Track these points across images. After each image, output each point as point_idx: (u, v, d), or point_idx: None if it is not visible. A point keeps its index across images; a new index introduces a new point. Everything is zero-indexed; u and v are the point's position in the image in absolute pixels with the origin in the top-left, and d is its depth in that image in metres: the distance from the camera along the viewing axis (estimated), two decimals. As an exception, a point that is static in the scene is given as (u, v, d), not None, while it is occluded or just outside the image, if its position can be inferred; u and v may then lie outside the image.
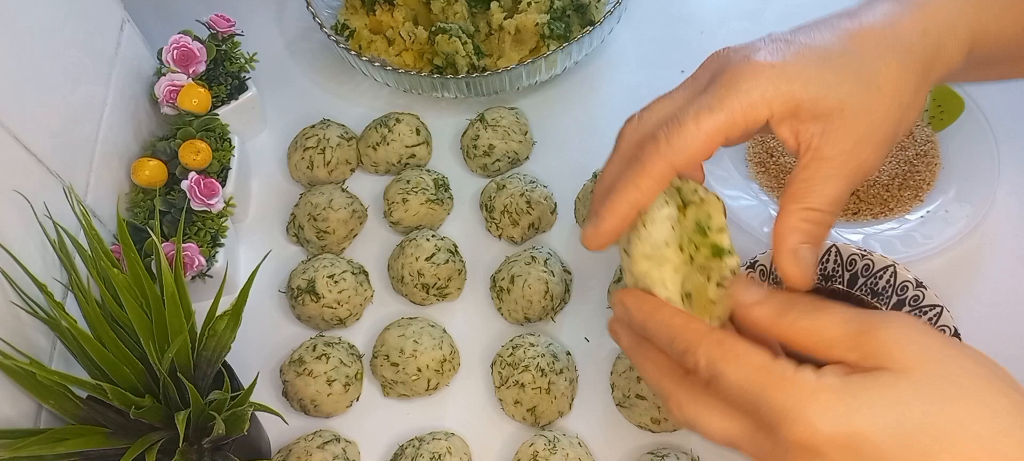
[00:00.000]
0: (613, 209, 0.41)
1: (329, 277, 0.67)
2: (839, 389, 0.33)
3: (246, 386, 0.53)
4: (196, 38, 0.74)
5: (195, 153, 0.69)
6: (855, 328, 0.35)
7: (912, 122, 0.43)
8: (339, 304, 0.67)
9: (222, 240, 0.68)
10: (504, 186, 0.71)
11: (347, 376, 0.64)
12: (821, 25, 0.43)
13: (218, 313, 0.54)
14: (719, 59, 0.43)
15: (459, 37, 0.76)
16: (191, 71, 0.73)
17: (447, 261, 0.68)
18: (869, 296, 0.62)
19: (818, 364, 0.35)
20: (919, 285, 0.60)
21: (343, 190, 0.74)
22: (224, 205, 0.69)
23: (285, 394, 0.65)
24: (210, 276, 0.67)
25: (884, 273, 0.61)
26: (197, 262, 0.65)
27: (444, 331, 0.66)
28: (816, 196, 0.40)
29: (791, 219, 0.40)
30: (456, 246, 0.70)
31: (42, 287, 0.53)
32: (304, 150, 0.75)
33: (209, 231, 0.67)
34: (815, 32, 0.42)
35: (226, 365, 0.58)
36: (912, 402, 0.32)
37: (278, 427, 0.62)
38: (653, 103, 0.45)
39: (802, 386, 0.33)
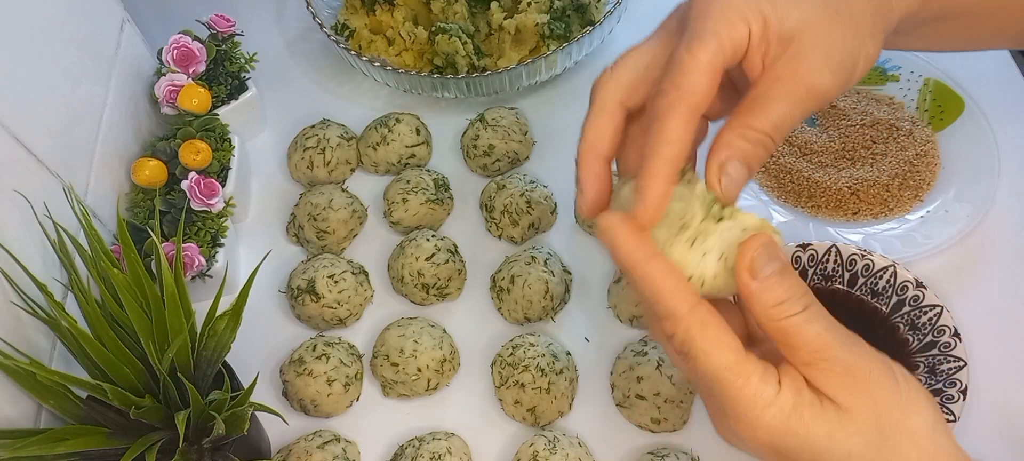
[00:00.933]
0: (656, 173, 0.38)
1: (329, 277, 0.67)
2: (788, 412, 0.37)
3: (246, 386, 0.53)
4: (196, 38, 0.74)
5: (195, 153, 0.69)
6: (828, 355, 0.37)
7: (871, 57, 0.42)
8: (339, 304, 0.67)
9: (222, 240, 0.68)
10: (504, 186, 0.71)
11: (347, 376, 0.64)
12: None
13: (218, 313, 0.54)
14: (682, 3, 0.42)
15: (459, 37, 0.76)
16: (191, 71, 0.73)
17: (447, 261, 0.68)
18: (869, 296, 0.62)
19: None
20: (919, 285, 0.60)
21: (343, 190, 0.74)
22: (224, 205, 0.69)
23: (285, 394, 0.65)
24: (210, 276, 0.67)
25: (884, 273, 0.61)
26: (197, 262, 0.65)
27: (444, 331, 0.66)
28: (760, 116, 0.39)
29: (729, 134, 0.38)
30: (456, 246, 0.70)
31: (42, 287, 0.53)
32: (304, 150, 0.75)
33: (209, 231, 0.68)
34: None
35: (226, 365, 0.58)
36: (842, 439, 0.37)
37: (278, 427, 0.62)
38: (624, 56, 0.43)
39: (757, 399, 0.37)
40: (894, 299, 0.61)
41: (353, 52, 0.77)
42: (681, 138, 0.38)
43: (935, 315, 0.59)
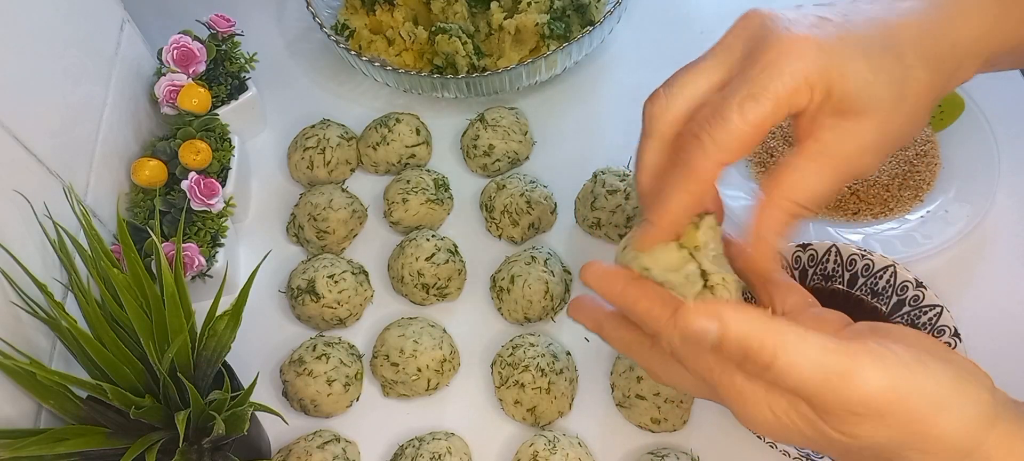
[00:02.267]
0: (666, 213, 0.38)
1: (329, 277, 0.67)
2: (782, 426, 0.37)
3: (246, 386, 0.53)
4: (196, 38, 0.74)
5: (195, 153, 0.69)
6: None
7: (916, 135, 0.41)
8: (339, 304, 0.67)
9: (222, 240, 0.68)
10: (504, 186, 0.71)
11: (347, 376, 0.64)
12: (857, 6, 0.39)
13: (218, 313, 0.54)
14: (753, 26, 0.39)
15: (459, 37, 0.76)
16: (191, 71, 0.73)
17: (447, 261, 0.68)
18: (869, 296, 0.62)
19: None
20: (919, 285, 0.60)
21: (343, 190, 0.74)
22: (224, 205, 0.69)
23: (285, 394, 0.65)
24: (210, 276, 0.67)
25: (884, 273, 0.61)
26: (197, 262, 0.65)
27: (444, 331, 0.66)
28: (808, 192, 0.38)
29: (777, 212, 0.38)
30: (456, 246, 0.70)
31: (42, 287, 0.53)
32: (304, 150, 0.75)
33: (209, 231, 0.67)
34: (853, 15, 0.39)
35: (226, 365, 0.58)
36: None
37: (278, 427, 0.62)
38: (680, 76, 0.41)
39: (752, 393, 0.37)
40: (894, 299, 0.61)
41: (353, 52, 0.77)
42: (701, 192, 0.38)
43: (935, 315, 0.59)
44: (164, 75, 0.72)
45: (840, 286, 0.63)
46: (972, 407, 0.34)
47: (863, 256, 0.62)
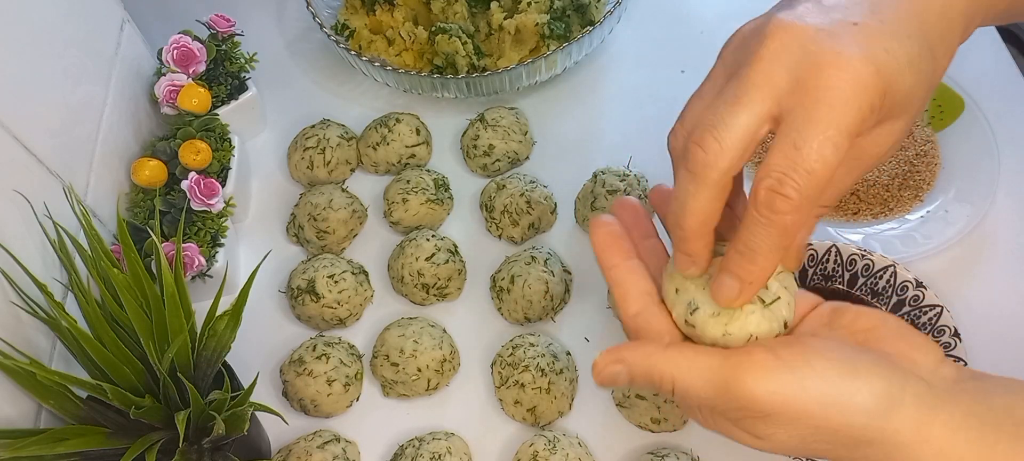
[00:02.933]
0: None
1: (329, 277, 0.67)
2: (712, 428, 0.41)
3: (246, 386, 0.53)
4: (196, 38, 0.74)
5: (195, 153, 0.69)
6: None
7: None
8: (339, 304, 0.67)
9: (222, 240, 0.68)
10: (504, 186, 0.71)
11: (347, 376, 0.64)
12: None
13: (218, 313, 0.54)
14: (793, 51, 0.35)
15: (459, 37, 0.76)
16: (191, 71, 0.73)
17: (447, 261, 0.68)
18: (869, 296, 0.62)
19: None
20: (919, 285, 0.60)
21: (343, 190, 0.74)
22: (224, 205, 0.69)
23: (285, 394, 0.65)
24: (210, 276, 0.67)
25: (884, 273, 0.61)
26: (197, 262, 0.65)
27: (444, 331, 0.66)
28: (834, 195, 0.38)
29: (808, 219, 0.37)
30: (456, 246, 0.70)
31: (42, 287, 0.53)
32: (304, 150, 0.75)
33: (209, 231, 0.67)
34: (884, 9, 0.37)
35: (226, 365, 0.58)
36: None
37: (278, 427, 0.62)
38: (724, 115, 0.37)
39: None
40: (894, 299, 0.61)
41: (353, 52, 0.77)
42: (714, 204, 0.37)
43: (935, 315, 0.59)
44: (164, 75, 0.72)
45: (840, 286, 0.63)
46: (863, 398, 0.35)
47: (863, 256, 0.62)
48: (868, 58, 0.34)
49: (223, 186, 0.70)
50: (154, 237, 0.54)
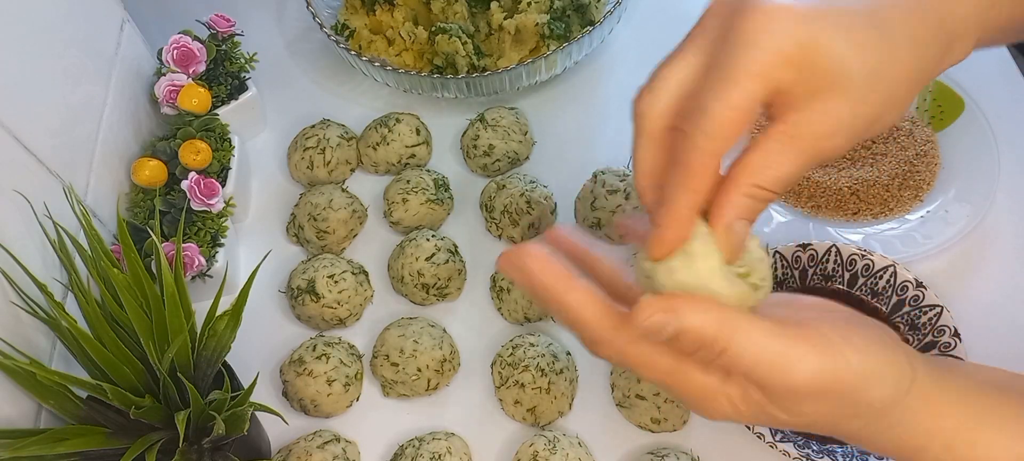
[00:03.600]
0: (674, 217, 0.36)
1: (329, 277, 0.67)
2: (735, 409, 0.38)
3: (246, 386, 0.53)
4: (196, 38, 0.74)
5: (195, 153, 0.69)
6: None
7: (895, 120, 0.39)
8: (339, 304, 0.67)
9: (222, 240, 0.68)
10: (504, 186, 0.71)
11: (347, 376, 0.64)
12: None
13: (218, 313, 0.54)
14: (730, 2, 0.36)
15: (459, 37, 0.76)
16: (191, 71, 0.73)
17: (447, 261, 0.68)
18: (869, 296, 0.62)
19: None
20: (919, 285, 0.60)
21: (343, 190, 0.74)
22: (224, 205, 0.69)
23: (285, 394, 0.65)
24: (210, 276, 0.67)
25: (884, 273, 0.61)
26: (197, 262, 0.65)
27: (444, 331, 0.66)
28: (771, 174, 0.36)
29: (736, 194, 0.36)
30: (456, 246, 0.70)
31: (42, 287, 0.53)
32: (304, 150, 0.75)
33: (209, 231, 0.68)
34: None
35: (226, 365, 0.58)
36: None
37: (278, 427, 0.62)
38: (660, 69, 0.38)
39: (710, 392, 0.38)
40: (894, 299, 0.61)
41: (353, 52, 0.77)
42: (703, 187, 0.36)
43: (935, 315, 0.59)
44: (164, 75, 0.72)
45: (840, 286, 0.63)
46: (894, 371, 0.36)
47: (863, 256, 0.62)
48: (792, 7, 0.35)
49: (223, 186, 0.70)
50: (154, 237, 0.54)
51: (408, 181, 0.72)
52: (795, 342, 0.35)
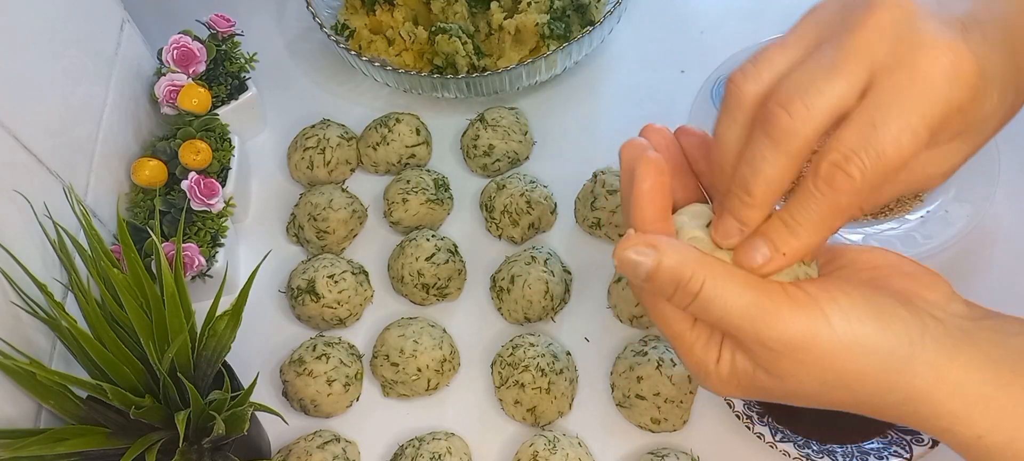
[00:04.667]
0: (763, 203, 0.34)
1: (329, 277, 0.67)
2: (727, 378, 0.37)
3: (246, 386, 0.53)
4: (196, 38, 0.74)
5: (195, 153, 0.69)
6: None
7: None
8: (339, 304, 0.67)
9: (222, 240, 0.68)
10: (504, 186, 0.71)
11: (347, 376, 0.64)
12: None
13: (218, 313, 0.54)
14: (896, 18, 0.32)
15: (459, 37, 0.76)
16: (191, 71, 0.73)
17: (447, 261, 0.68)
18: (869, 296, 0.62)
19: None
20: (919, 285, 0.60)
21: (343, 190, 0.74)
22: (224, 205, 0.69)
23: (285, 394, 0.65)
24: (210, 276, 0.67)
25: (884, 273, 0.61)
26: (197, 262, 0.65)
27: (444, 331, 0.66)
28: (875, 200, 0.36)
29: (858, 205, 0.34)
30: (456, 246, 0.70)
31: (42, 287, 0.53)
32: (304, 150, 0.75)
33: (209, 231, 0.68)
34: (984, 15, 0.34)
35: (226, 365, 0.58)
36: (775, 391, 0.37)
37: (278, 427, 0.62)
38: (767, 54, 0.35)
39: (706, 368, 0.37)
40: (894, 299, 0.61)
41: (353, 52, 0.77)
42: (790, 170, 0.34)
43: (935, 315, 0.59)
44: (164, 75, 0.72)
45: (840, 286, 0.63)
46: (888, 340, 0.34)
47: (863, 256, 0.61)
48: (973, 53, 0.32)
49: (223, 186, 0.70)
50: (154, 237, 0.54)
51: (408, 181, 0.72)
52: (772, 295, 0.34)
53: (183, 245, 0.62)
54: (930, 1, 0.33)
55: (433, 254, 0.68)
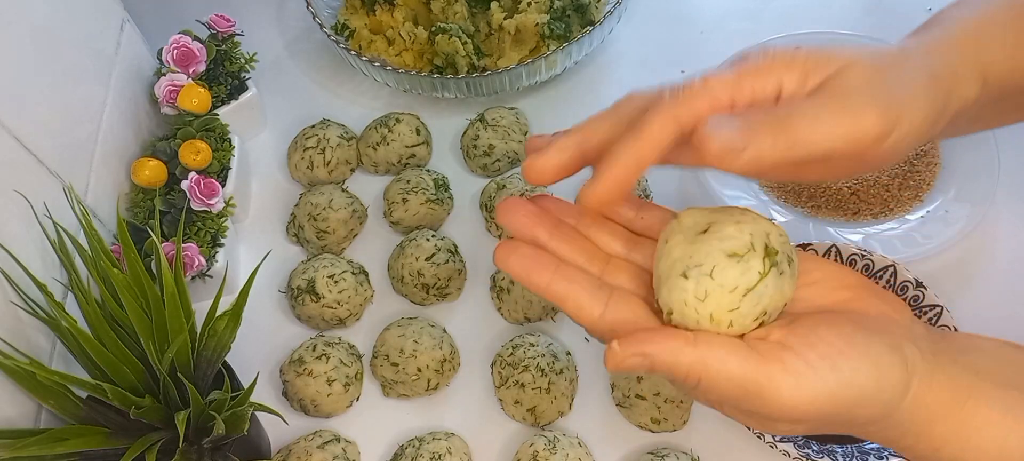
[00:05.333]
0: (615, 166, 0.36)
1: (329, 277, 0.67)
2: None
3: (246, 386, 0.53)
4: (196, 38, 0.74)
5: (195, 153, 0.69)
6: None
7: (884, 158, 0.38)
8: (339, 304, 0.67)
9: (222, 240, 0.68)
10: (504, 186, 0.71)
11: (347, 376, 0.64)
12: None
13: (218, 313, 0.54)
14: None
15: (459, 37, 0.76)
16: (191, 71, 0.73)
17: (447, 261, 0.68)
18: (869, 296, 0.62)
19: None
20: (919, 285, 0.60)
21: (343, 190, 0.74)
22: (224, 205, 0.69)
23: (285, 394, 0.65)
24: (210, 276, 0.67)
25: (884, 273, 0.61)
26: (197, 262, 0.65)
27: (444, 331, 0.66)
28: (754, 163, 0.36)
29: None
30: (456, 246, 0.70)
31: (42, 287, 0.53)
32: (304, 150, 0.75)
33: (209, 231, 0.68)
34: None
35: (226, 365, 0.58)
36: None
37: (278, 427, 0.62)
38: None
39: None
40: (894, 299, 0.61)
41: (353, 52, 0.77)
42: (653, 147, 0.36)
43: (935, 315, 0.59)
44: (164, 75, 0.72)
45: (840, 286, 0.63)
46: (884, 389, 0.35)
47: (863, 256, 0.62)
48: (882, 106, 0.35)
49: (223, 186, 0.70)
50: (154, 237, 0.54)
51: (408, 181, 0.72)
52: (771, 371, 0.34)
53: (183, 245, 0.62)
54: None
55: (433, 254, 0.68)
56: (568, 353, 0.64)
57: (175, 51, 0.73)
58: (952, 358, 0.37)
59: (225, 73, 0.76)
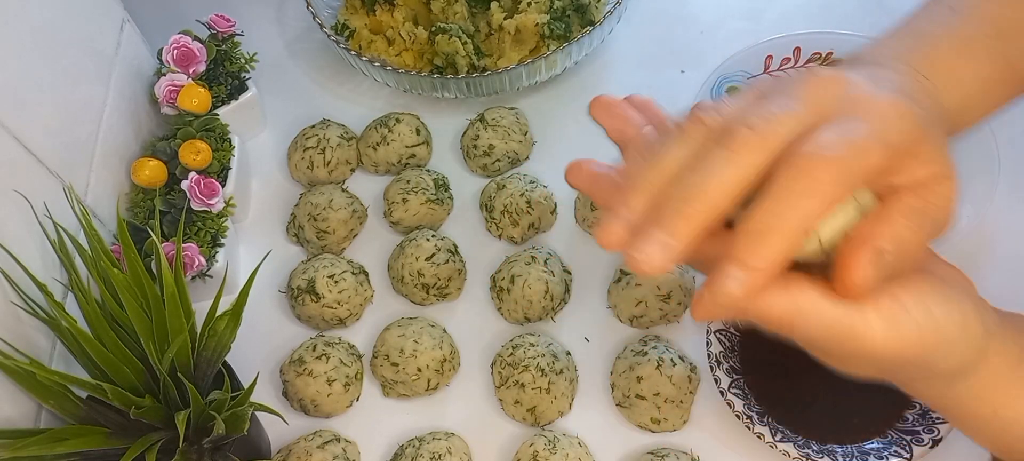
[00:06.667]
0: (705, 205, 0.32)
1: (329, 277, 0.67)
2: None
3: (246, 386, 0.53)
4: (196, 38, 0.74)
5: (195, 153, 0.69)
6: None
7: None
8: (339, 304, 0.67)
9: (222, 240, 0.68)
10: (504, 186, 0.71)
11: (347, 376, 0.64)
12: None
13: (218, 313, 0.54)
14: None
15: (459, 37, 0.76)
16: (191, 71, 0.73)
17: (447, 261, 0.68)
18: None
19: None
20: (919, 285, 0.60)
21: (343, 190, 0.74)
22: (224, 205, 0.69)
23: (285, 394, 0.65)
24: (210, 276, 0.67)
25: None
26: (197, 262, 0.65)
27: (444, 331, 0.66)
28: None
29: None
30: (456, 246, 0.70)
31: (42, 287, 0.53)
32: (304, 150, 0.75)
33: (209, 231, 0.68)
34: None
35: (226, 365, 0.58)
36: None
37: (278, 427, 0.62)
38: (722, 100, 0.36)
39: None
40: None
41: (353, 52, 0.77)
42: (746, 178, 0.34)
43: (935, 315, 0.59)
44: (164, 75, 0.72)
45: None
46: (965, 341, 0.37)
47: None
48: (912, 104, 0.37)
49: (223, 186, 0.70)
50: (154, 237, 0.54)
51: (408, 181, 0.72)
52: (865, 312, 0.34)
53: (183, 245, 0.62)
54: (863, 77, 0.36)
55: (433, 254, 0.68)
56: (568, 353, 0.64)
57: (175, 51, 0.73)
58: (1018, 328, 0.40)
59: (225, 73, 0.76)
